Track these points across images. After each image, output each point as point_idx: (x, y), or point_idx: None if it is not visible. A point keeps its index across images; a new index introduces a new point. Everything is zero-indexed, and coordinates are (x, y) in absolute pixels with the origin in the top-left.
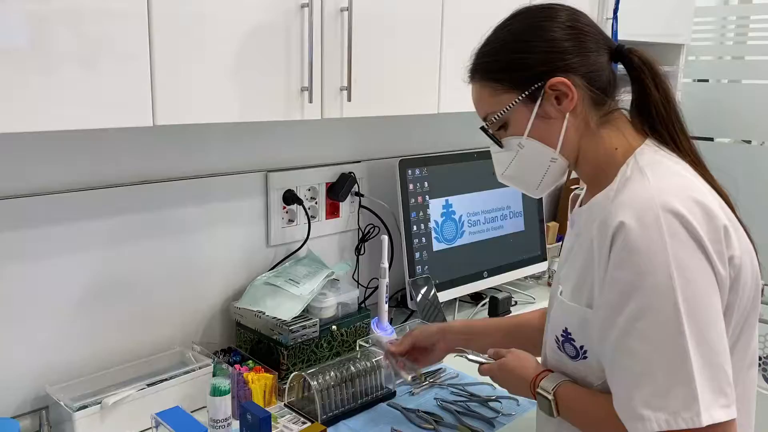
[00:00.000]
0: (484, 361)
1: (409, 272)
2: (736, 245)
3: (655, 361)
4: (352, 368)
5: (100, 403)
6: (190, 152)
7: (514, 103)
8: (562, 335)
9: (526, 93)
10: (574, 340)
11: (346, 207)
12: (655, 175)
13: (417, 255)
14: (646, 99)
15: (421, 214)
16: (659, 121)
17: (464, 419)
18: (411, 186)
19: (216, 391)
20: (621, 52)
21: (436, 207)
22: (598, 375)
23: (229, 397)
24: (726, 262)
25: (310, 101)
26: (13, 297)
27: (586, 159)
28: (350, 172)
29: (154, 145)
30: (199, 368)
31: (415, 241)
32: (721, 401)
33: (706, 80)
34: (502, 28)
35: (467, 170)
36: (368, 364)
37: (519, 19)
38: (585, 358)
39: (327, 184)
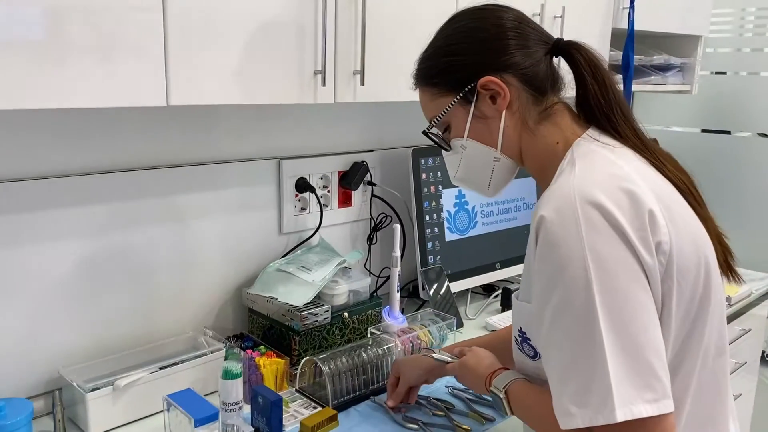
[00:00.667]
0: (449, 360)
1: (421, 262)
2: (664, 230)
3: (576, 356)
4: (364, 355)
5: (112, 384)
6: (203, 139)
7: (450, 105)
8: (519, 335)
9: (461, 95)
10: (529, 339)
11: (359, 196)
12: (583, 166)
13: (429, 245)
14: (585, 90)
15: (433, 203)
16: (599, 110)
17: (475, 406)
18: (424, 175)
19: (228, 375)
20: (559, 47)
21: (449, 197)
22: None
23: (240, 380)
24: (653, 249)
25: (324, 84)
26: (27, 279)
27: (529, 156)
28: (363, 161)
29: (168, 130)
30: (211, 352)
31: (428, 230)
32: (647, 396)
33: (724, 72)
34: (438, 33)
35: None
36: (380, 351)
37: (452, 23)
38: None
39: (339, 172)
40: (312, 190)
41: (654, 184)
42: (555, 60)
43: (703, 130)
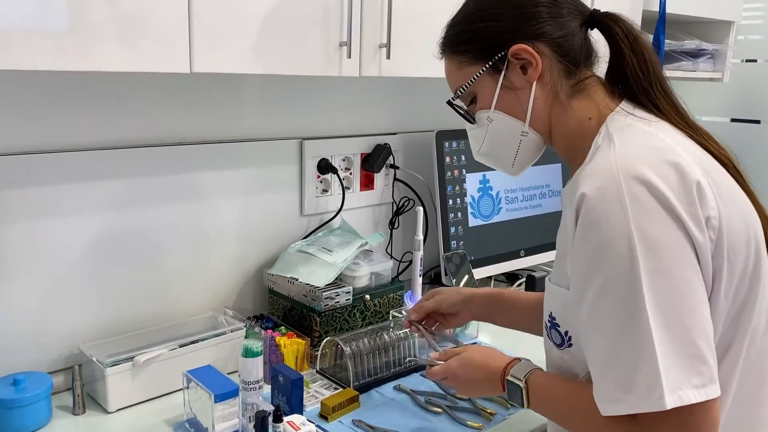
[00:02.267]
0: (435, 362)
1: (444, 248)
2: (713, 204)
3: (621, 340)
4: (386, 337)
5: (131, 360)
6: (225, 116)
7: (478, 74)
8: (548, 321)
9: (490, 63)
10: (558, 326)
11: (381, 179)
12: (622, 141)
13: (452, 230)
14: (621, 63)
15: (457, 188)
16: (637, 84)
17: None
18: (448, 159)
19: (248, 353)
20: (595, 18)
21: (473, 182)
22: (583, 365)
23: (260, 359)
24: (703, 224)
25: (349, 56)
26: (47, 254)
27: (560, 133)
28: (386, 144)
29: (189, 107)
30: (231, 331)
31: (451, 215)
32: (695, 381)
33: (755, 60)
34: (467, 0)
35: None
36: (401, 333)
37: None
38: (570, 345)
39: (362, 154)
40: (334, 171)
41: (698, 158)
42: (590, 32)
43: (733, 120)
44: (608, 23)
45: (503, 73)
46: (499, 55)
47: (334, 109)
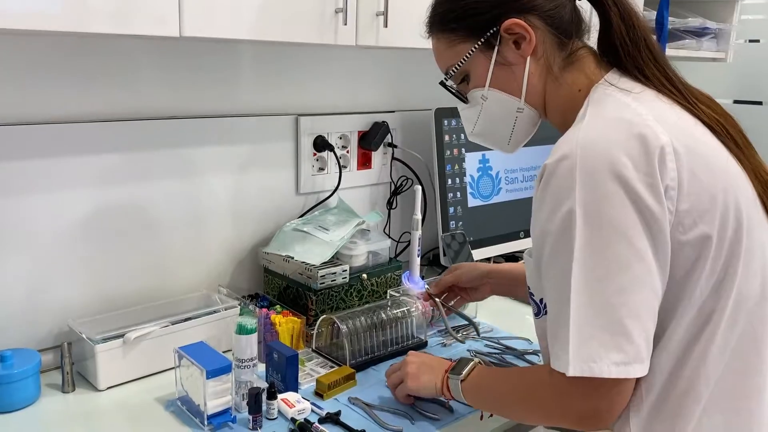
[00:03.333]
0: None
1: (443, 228)
2: (673, 174)
3: (556, 305)
4: (383, 315)
5: (122, 337)
6: (220, 90)
7: (471, 52)
8: (527, 292)
9: (482, 40)
10: (533, 295)
11: (379, 158)
12: (593, 113)
13: (451, 210)
14: (609, 31)
15: (456, 167)
16: (624, 51)
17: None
18: (447, 137)
19: (242, 330)
20: None
21: (472, 161)
22: None
23: (254, 336)
24: (662, 195)
25: (345, 23)
26: (36, 229)
27: (553, 106)
28: (383, 122)
29: (183, 80)
30: (225, 309)
31: (450, 195)
32: (614, 357)
33: (758, 40)
34: None
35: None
36: (399, 312)
37: None
38: (546, 313)
39: (359, 132)
40: (331, 148)
41: (674, 126)
42: (579, 3)
43: (735, 101)
44: None
45: (496, 48)
46: (492, 30)
47: (331, 86)
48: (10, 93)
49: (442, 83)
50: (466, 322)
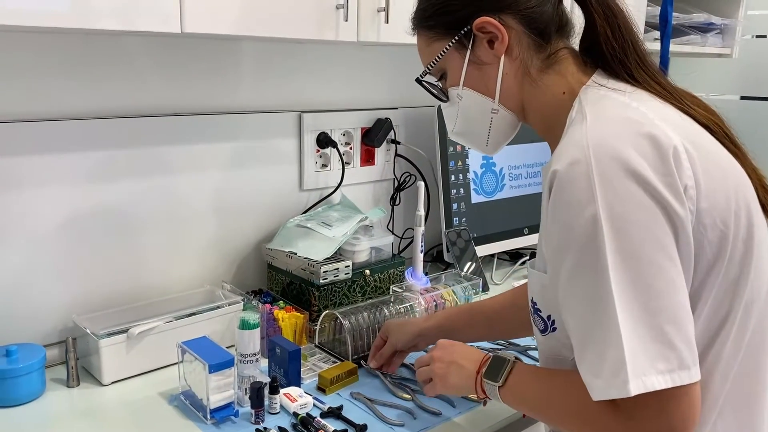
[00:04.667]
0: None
1: (446, 224)
2: (689, 173)
3: (591, 323)
4: (386, 311)
5: (126, 332)
6: (222, 87)
7: (445, 50)
8: (531, 307)
9: (456, 38)
10: (540, 311)
11: (382, 155)
12: (594, 114)
13: (454, 207)
14: (594, 32)
15: (459, 163)
16: (610, 55)
17: None
18: None
19: (244, 325)
20: None
21: (475, 157)
22: (569, 348)
23: (257, 331)
24: (682, 194)
25: (346, 19)
26: (41, 224)
27: (533, 109)
28: (387, 118)
29: (186, 77)
30: (229, 305)
31: (453, 192)
32: (659, 366)
33: (764, 36)
34: None
35: None
36: (402, 308)
37: None
38: (554, 329)
39: (362, 129)
40: (334, 145)
41: (677, 125)
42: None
43: (743, 97)
44: None
45: (469, 48)
46: (465, 29)
47: (334, 82)
48: (14, 89)
49: (417, 80)
50: None
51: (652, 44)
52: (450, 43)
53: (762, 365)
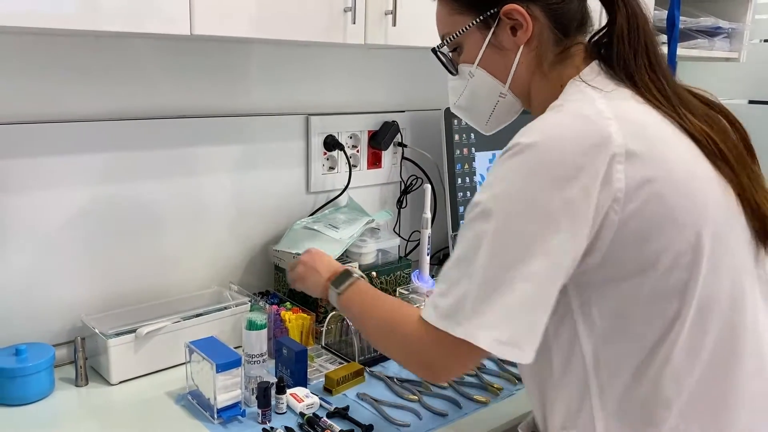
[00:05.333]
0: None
1: (453, 227)
2: (620, 175)
3: (459, 262)
4: None
5: (134, 332)
6: (230, 90)
7: (468, 26)
8: None
9: (481, 18)
10: None
11: (389, 158)
12: (558, 106)
13: (461, 209)
14: (611, 27)
15: (466, 166)
16: (617, 51)
17: (506, 365)
18: (456, 137)
19: (252, 326)
20: None
21: (482, 160)
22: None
23: (264, 332)
24: (593, 196)
25: (353, 22)
26: (51, 225)
27: (538, 100)
28: (393, 121)
29: (194, 80)
30: (236, 306)
31: (460, 194)
32: (495, 333)
33: None
34: None
35: (516, 123)
36: None
37: None
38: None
39: (369, 132)
40: (341, 148)
41: (643, 132)
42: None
43: (751, 101)
44: None
45: (492, 30)
46: (492, 11)
47: (341, 86)
48: (13, 92)
49: (433, 50)
50: None
51: None
52: (474, 21)
53: (731, 376)
